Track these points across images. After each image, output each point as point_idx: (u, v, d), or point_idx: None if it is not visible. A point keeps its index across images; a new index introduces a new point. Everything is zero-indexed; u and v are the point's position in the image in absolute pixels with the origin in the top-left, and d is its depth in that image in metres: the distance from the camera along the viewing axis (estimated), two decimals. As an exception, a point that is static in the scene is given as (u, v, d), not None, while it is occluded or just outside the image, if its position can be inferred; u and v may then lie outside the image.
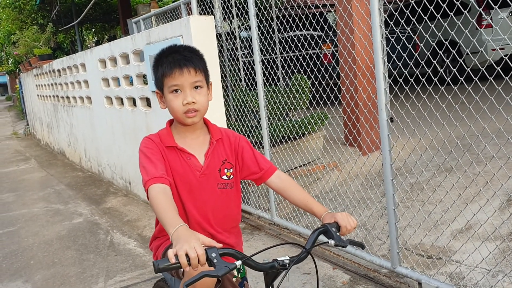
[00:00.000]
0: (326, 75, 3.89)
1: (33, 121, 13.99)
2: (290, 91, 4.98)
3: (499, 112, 2.49)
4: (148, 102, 5.41)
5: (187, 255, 1.25)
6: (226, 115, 4.89)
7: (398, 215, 2.90)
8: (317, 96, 4.01)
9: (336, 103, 4.80)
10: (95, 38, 19.29)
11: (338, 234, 1.56)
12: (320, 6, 4.10)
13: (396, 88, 2.88)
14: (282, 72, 6.46)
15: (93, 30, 18.28)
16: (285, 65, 5.85)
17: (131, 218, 5.36)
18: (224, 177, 1.82)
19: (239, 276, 1.93)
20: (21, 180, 8.27)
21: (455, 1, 2.34)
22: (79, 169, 8.65)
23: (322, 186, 4.54)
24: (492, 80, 2.43)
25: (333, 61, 7.49)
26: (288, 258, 1.46)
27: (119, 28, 16.29)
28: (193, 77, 1.69)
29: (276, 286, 1.44)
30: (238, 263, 1.35)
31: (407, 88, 2.86)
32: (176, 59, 1.69)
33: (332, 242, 1.53)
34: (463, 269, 2.96)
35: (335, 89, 3.98)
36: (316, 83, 4.15)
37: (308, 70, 4.43)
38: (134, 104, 5.81)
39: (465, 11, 2.41)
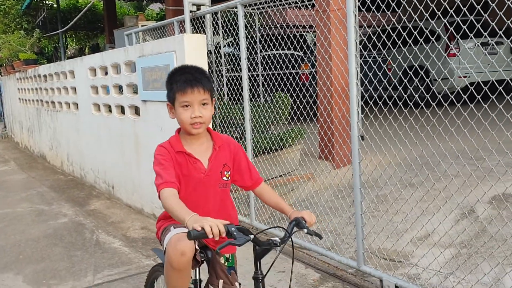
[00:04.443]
0: (305, 94, 4.31)
1: (11, 124, 14.04)
2: (274, 107, 5.38)
3: (462, 135, 2.93)
4: (136, 111, 5.72)
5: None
6: (212, 126, 5.25)
7: (364, 220, 3.30)
8: (298, 112, 4.41)
9: (314, 119, 5.21)
10: (75, 45, 19.47)
11: (306, 225, 1.94)
12: (297, 26, 4.50)
13: (372, 113, 3.30)
14: (262, 89, 6.86)
15: (75, 37, 18.44)
16: (265, 83, 6.26)
17: (115, 220, 5.63)
18: (224, 178, 2.16)
19: (226, 264, 2.24)
20: (2, 181, 8.41)
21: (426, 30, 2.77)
22: (60, 172, 8.83)
23: (297, 195, 4.92)
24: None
25: (311, 81, 7.94)
26: (279, 239, 1.84)
27: (102, 37, 16.55)
28: (202, 95, 2.02)
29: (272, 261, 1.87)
30: (252, 236, 1.73)
31: (381, 115, 3.28)
32: (189, 79, 2.02)
33: (305, 230, 1.92)
34: (420, 271, 3.37)
35: (314, 106, 4.40)
36: (297, 100, 4.56)
37: (291, 87, 4.82)
38: (122, 112, 6.11)
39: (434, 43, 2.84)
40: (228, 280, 2.21)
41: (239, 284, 2.26)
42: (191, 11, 4.63)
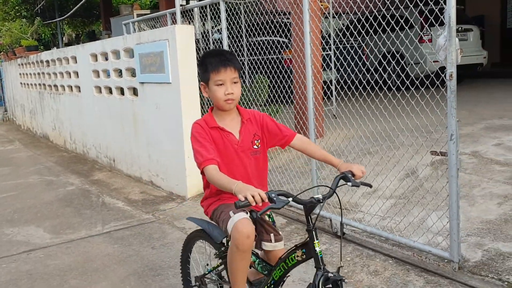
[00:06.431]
0: (288, 77, 5.13)
1: (13, 108, 14.77)
2: (254, 88, 6.21)
3: (416, 113, 3.74)
4: (135, 92, 6.52)
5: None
6: (201, 105, 6.05)
7: (318, 175, 4.15)
8: (280, 93, 5.23)
9: (290, 99, 6.04)
10: (71, 31, 20.10)
11: (353, 178, 2.13)
12: (279, 12, 5.31)
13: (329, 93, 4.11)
14: (248, 73, 7.68)
15: (71, 24, 19.08)
16: (251, 67, 7.05)
17: (117, 186, 6.47)
18: (255, 146, 2.39)
19: (270, 220, 2.55)
20: (11, 158, 9.21)
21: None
22: (64, 150, 9.63)
23: (275, 163, 5.77)
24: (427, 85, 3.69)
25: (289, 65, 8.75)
26: (321, 196, 2.07)
27: (97, 24, 17.22)
28: (233, 74, 2.26)
29: (317, 213, 2.14)
30: (290, 199, 1.97)
31: (347, 97, 4.10)
32: (222, 60, 2.26)
33: (349, 183, 2.10)
34: (364, 215, 4.24)
35: (291, 88, 5.23)
36: (283, 83, 5.39)
37: (275, 71, 5.65)
38: (122, 93, 6.90)
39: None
40: (277, 232, 2.50)
41: None
42: (181, 5, 5.42)
